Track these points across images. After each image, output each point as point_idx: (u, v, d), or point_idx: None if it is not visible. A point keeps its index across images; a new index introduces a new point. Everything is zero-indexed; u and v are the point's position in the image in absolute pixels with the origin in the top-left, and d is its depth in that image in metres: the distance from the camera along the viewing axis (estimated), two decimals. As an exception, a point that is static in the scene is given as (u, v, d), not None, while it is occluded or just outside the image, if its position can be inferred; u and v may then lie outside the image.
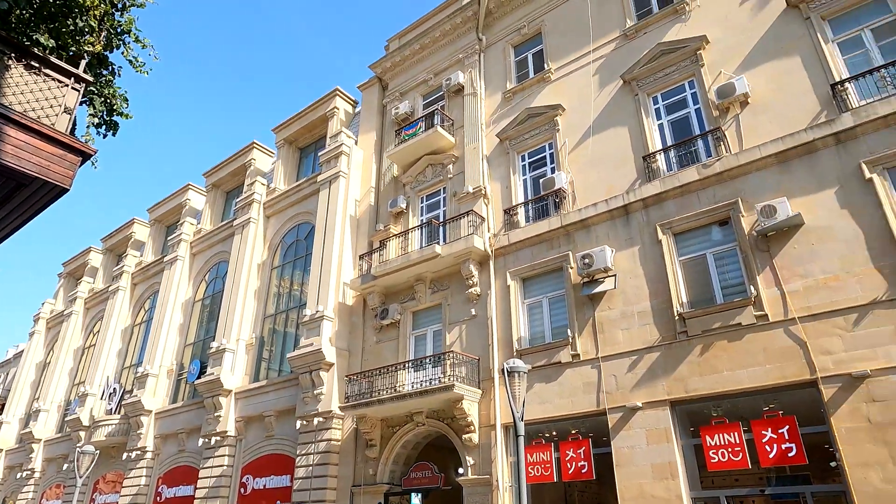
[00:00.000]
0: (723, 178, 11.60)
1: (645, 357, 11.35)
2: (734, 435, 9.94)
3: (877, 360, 9.00)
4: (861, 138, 10.33)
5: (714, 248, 11.53)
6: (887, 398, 8.76)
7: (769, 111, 11.62)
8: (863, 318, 9.35)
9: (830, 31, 11.62)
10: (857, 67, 11.11)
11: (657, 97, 13.69)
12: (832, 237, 10.06)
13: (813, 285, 9.98)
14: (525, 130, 15.68)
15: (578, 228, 13.38)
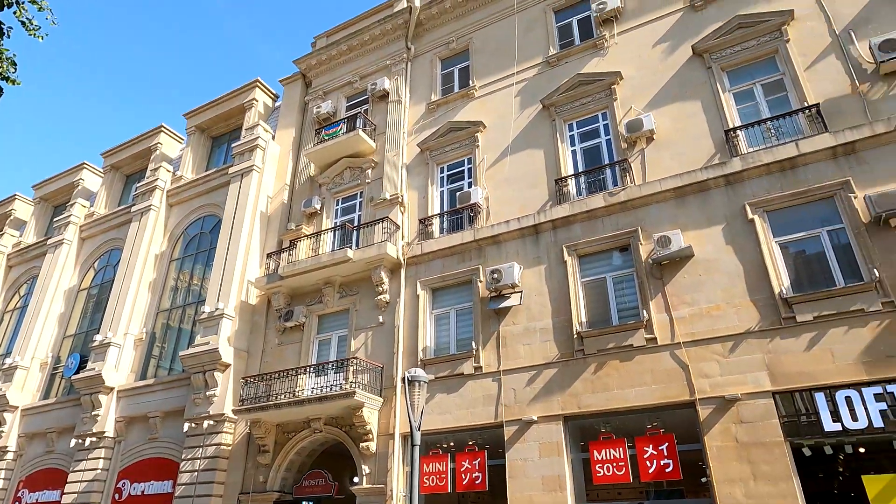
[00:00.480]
0: (626, 206, 12.31)
1: (544, 372, 11.75)
2: (619, 450, 10.49)
3: (746, 385, 9.85)
4: (747, 182, 11.33)
5: (614, 272, 12.19)
6: (753, 420, 9.60)
7: (671, 149, 12.49)
8: (738, 345, 10.21)
9: (728, 82, 12.71)
10: (747, 117, 12.21)
11: (573, 124, 14.34)
12: (717, 270, 10.93)
13: (697, 313, 10.78)
14: (446, 143, 15.88)
15: (490, 244, 13.69)
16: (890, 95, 10.75)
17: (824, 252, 10.39)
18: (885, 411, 8.93)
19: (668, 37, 13.79)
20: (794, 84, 11.85)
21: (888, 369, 9.05)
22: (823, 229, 10.52)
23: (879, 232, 9.87)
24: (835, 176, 10.58)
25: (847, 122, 10.85)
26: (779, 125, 11.66)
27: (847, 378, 9.27)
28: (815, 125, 11.18)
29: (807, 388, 9.50)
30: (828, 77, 11.49)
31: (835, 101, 11.20)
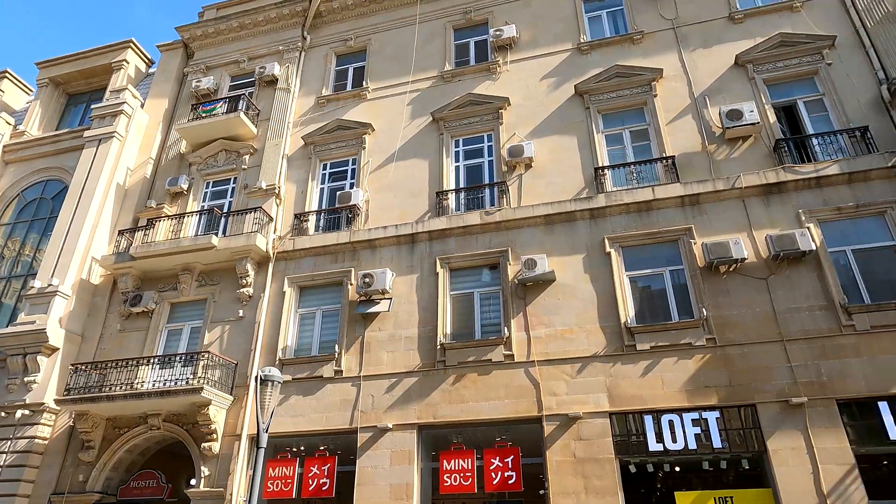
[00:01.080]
0: (500, 227, 12.82)
1: (404, 381, 11.81)
2: (468, 461, 10.80)
3: (588, 405, 10.62)
4: (608, 217, 12.30)
5: (482, 288, 12.60)
6: (590, 437, 10.36)
7: (546, 177, 13.23)
8: (584, 367, 10.98)
9: (602, 124, 13.76)
10: (615, 159, 13.29)
11: (459, 140, 14.70)
12: (574, 296, 11.71)
13: (553, 334, 11.45)
14: (332, 140, 15.55)
15: (365, 247, 13.56)
16: (731, 158, 12.26)
17: (665, 289, 11.54)
18: (699, 435, 10.06)
19: (556, 73, 14.65)
20: (656, 135, 13.10)
21: (705, 398, 10.22)
22: (667, 269, 11.68)
23: (710, 276, 11.17)
24: (681, 222, 11.82)
25: (695, 176, 12.20)
26: (640, 170, 12.82)
27: (672, 404, 10.32)
28: (670, 174, 12.44)
29: (638, 411, 10.44)
30: (684, 133, 12.85)
31: (688, 155, 12.55)
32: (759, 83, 13.00)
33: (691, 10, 14.44)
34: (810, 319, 10.40)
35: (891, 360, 9.76)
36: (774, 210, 11.46)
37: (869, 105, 12.04)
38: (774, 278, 10.86)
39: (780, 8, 13.73)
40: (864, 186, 11.22)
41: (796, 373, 10.04)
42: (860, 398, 9.69)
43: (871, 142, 11.61)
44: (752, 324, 10.61)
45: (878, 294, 10.45)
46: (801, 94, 12.87)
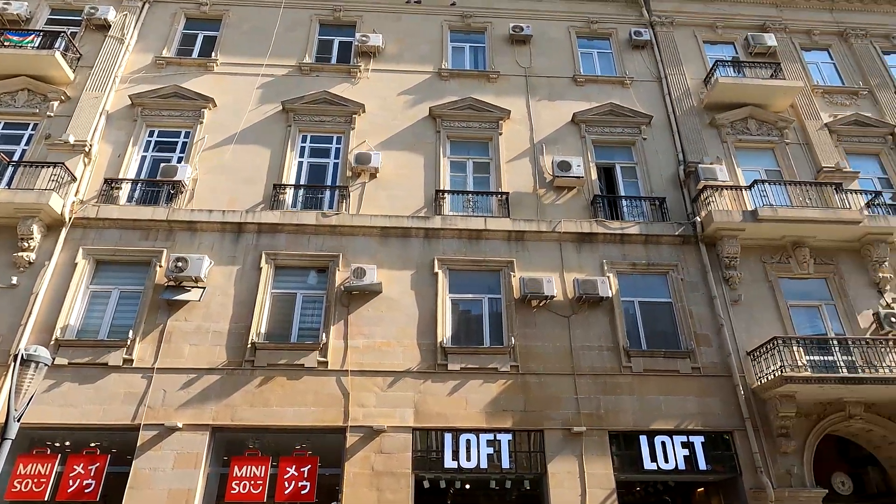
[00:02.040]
0: (335, 231, 12.57)
1: (205, 377, 10.92)
2: (262, 468, 10.25)
3: (394, 419, 10.73)
4: (441, 239, 12.71)
5: (306, 290, 12.20)
6: (391, 451, 10.45)
7: (389, 190, 13.32)
8: (396, 382, 11.10)
9: (449, 150, 14.27)
10: (456, 185, 13.83)
11: (307, 136, 14.24)
12: (398, 310, 11.84)
13: (371, 346, 11.44)
14: (166, 107, 14.12)
15: (184, 228, 12.42)
16: (556, 203, 13.43)
17: (482, 315, 12.19)
18: (491, 455, 10.68)
19: (414, 91, 14.93)
20: (496, 170, 13.92)
21: (502, 421, 10.90)
22: (486, 296, 12.35)
23: (523, 308, 12.03)
24: (505, 255, 12.62)
25: (523, 214, 13.14)
26: (477, 200, 13.49)
27: (472, 424, 10.84)
28: (502, 209, 13.26)
29: (440, 429, 10.79)
30: (520, 174, 13.82)
31: (520, 194, 13.50)
32: (589, 142, 14.50)
33: (543, 63, 15.70)
34: (598, 358, 11.67)
35: (654, 399, 11.30)
36: (584, 257, 12.75)
37: (668, 180, 14.03)
38: (575, 317, 12.04)
39: (614, 81, 15.52)
40: (655, 248, 12.98)
41: (580, 404, 11.16)
42: (627, 431, 11.05)
43: (666, 211, 13.51)
44: (552, 356, 11.60)
45: (652, 342, 12.08)
46: (620, 159, 14.59)
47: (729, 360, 11.72)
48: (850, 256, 13.07)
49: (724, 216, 12.54)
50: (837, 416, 11.28)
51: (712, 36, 16.74)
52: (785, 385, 10.55)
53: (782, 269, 12.91)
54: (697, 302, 12.45)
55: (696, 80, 15.59)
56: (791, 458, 10.87)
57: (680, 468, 10.83)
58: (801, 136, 14.96)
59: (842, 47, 17.00)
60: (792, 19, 17.19)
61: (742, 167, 14.43)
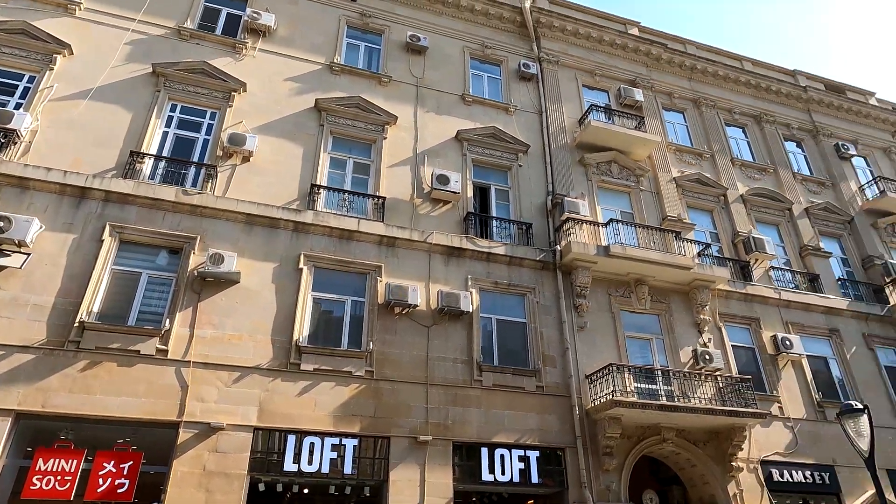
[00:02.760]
0: (196, 211, 11.71)
1: (15, 356, 9.55)
2: (73, 462, 9.16)
3: (235, 417, 10.14)
4: (311, 235, 12.33)
5: (153, 270, 11.20)
6: (227, 451, 9.85)
7: (261, 177, 12.69)
8: (243, 378, 10.52)
9: (331, 145, 13.96)
10: (334, 182, 13.53)
11: (177, 106, 13.17)
12: (254, 303, 11.26)
13: (220, 337, 10.74)
14: (9, 43, 12.33)
15: (14, 184, 10.85)
16: (430, 215, 13.64)
17: (344, 316, 11.98)
18: (334, 460, 10.46)
19: (302, 80, 14.44)
20: (376, 173, 13.85)
21: (350, 425, 10.74)
22: (350, 298, 12.17)
23: (385, 314, 12.02)
24: (374, 259, 12.54)
25: (397, 221, 13.17)
26: (353, 200, 13.30)
27: (318, 426, 10.56)
28: (377, 213, 13.20)
29: (285, 430, 10.38)
30: (399, 181, 13.87)
31: (396, 200, 13.54)
32: (469, 160, 14.94)
33: (435, 77, 15.97)
34: (452, 370, 11.95)
35: (499, 413, 11.80)
36: (451, 270, 13.05)
37: (537, 207, 14.86)
38: (435, 328, 12.25)
39: (499, 106, 16.17)
40: (517, 270, 13.63)
41: (430, 414, 11.33)
42: (470, 442, 11.41)
43: (532, 236, 14.27)
44: (408, 364, 11.69)
45: (504, 358, 12.63)
46: (495, 181, 15.20)
47: (570, 381, 12.57)
48: (680, 298, 14.68)
49: (581, 248, 13.51)
50: (654, 439, 12.53)
51: (591, 81, 18.09)
52: (614, 408, 11.53)
53: (624, 302, 14.16)
54: (549, 325, 13.24)
55: (573, 119, 16.73)
56: (611, 476, 11.87)
57: (515, 481, 11.38)
58: (653, 185, 16.60)
59: (694, 113, 19.19)
60: (658, 80, 19.11)
61: (601, 205, 15.69)
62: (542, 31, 17.88)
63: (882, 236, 18.71)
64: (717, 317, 14.80)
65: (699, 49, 20.59)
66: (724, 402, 12.54)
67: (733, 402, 12.57)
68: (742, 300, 15.38)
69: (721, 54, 20.88)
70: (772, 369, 14.64)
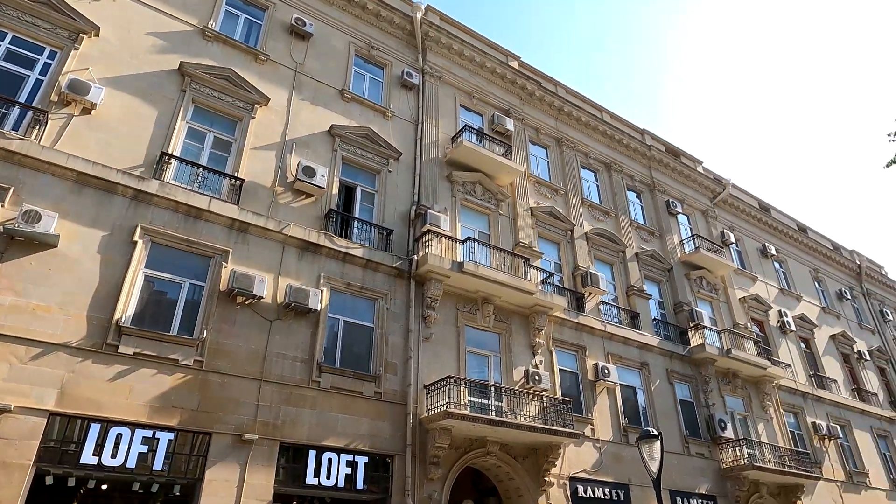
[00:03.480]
0: (13, 158, 10.12)
1: None
2: None
3: (28, 399, 8.85)
4: (153, 207, 11.24)
5: (-55, 219, 9.48)
6: (11, 437, 8.54)
7: (103, 133, 11.35)
8: (45, 355, 9.23)
9: (191, 114, 12.90)
10: (189, 154, 12.49)
11: (7, 35, 11.36)
12: (72, 272, 9.97)
13: (22, 306, 9.35)
14: None
15: None
16: (290, 206, 13.13)
17: (178, 299, 11.04)
18: (144, 454, 9.53)
19: (169, 38, 13.22)
20: (237, 153, 13.04)
21: (168, 418, 9.87)
22: (188, 280, 11.27)
23: (226, 303, 11.29)
24: (222, 243, 11.75)
25: (254, 207, 12.49)
26: (207, 177, 12.38)
27: (130, 416, 9.57)
28: (233, 195, 12.42)
29: (88, 417, 9.26)
30: (262, 165, 13.19)
31: (256, 185, 12.85)
32: (339, 157, 14.65)
33: (316, 67, 15.50)
34: (290, 368, 11.53)
35: (333, 416, 11.59)
36: (304, 265, 12.64)
37: (400, 215, 14.95)
38: (279, 323, 11.75)
39: (377, 109, 16.10)
40: (372, 275, 13.57)
41: (259, 412, 10.81)
42: (298, 444, 11.05)
43: (391, 243, 14.32)
44: (243, 358, 11.06)
45: (346, 361, 12.46)
46: (363, 182, 15.06)
47: (408, 389, 12.73)
48: (520, 320, 15.58)
49: (437, 261, 13.81)
50: (479, 452, 13.08)
51: (468, 103, 18.72)
52: (447, 419, 11.86)
53: (470, 318, 14.71)
54: (396, 332, 13.32)
55: (446, 135, 17.16)
56: (435, 485, 12.17)
57: (340, 486, 11.21)
58: (511, 211, 17.53)
59: (556, 151, 20.65)
60: (529, 114, 20.30)
61: (462, 222, 16.22)
62: (430, 44, 18.18)
63: (692, 286, 21.46)
64: (550, 341, 15.92)
65: (568, 93, 22.24)
66: (546, 421, 13.47)
67: (554, 421, 13.54)
68: (573, 328, 16.71)
69: (586, 102, 22.74)
70: (590, 394, 16.04)
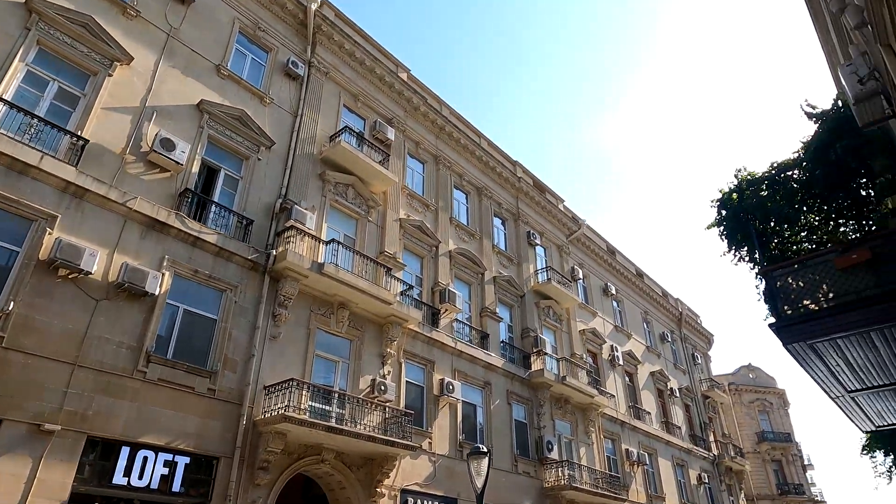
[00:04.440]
0: None
1: None
2: None
3: None
4: (-34, 153, 9.69)
5: None
6: None
7: (-88, 58, 9.61)
8: None
9: (34, 57, 11.37)
10: (24, 101, 10.95)
11: None
12: None
13: None
14: None
15: None
16: (140, 177, 11.98)
17: (-17, 263, 9.57)
18: None
19: (17, -34, 11.59)
20: (85, 110, 11.69)
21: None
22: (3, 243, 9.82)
23: (45, 273, 10.00)
24: (52, 206, 10.42)
25: (96, 172, 11.22)
26: (43, 129, 10.95)
27: None
28: (73, 156, 11.09)
29: None
30: (113, 127, 11.94)
31: (103, 149, 11.59)
32: (205, 135, 13.70)
33: (194, 35, 14.42)
34: (113, 354, 10.45)
35: (157, 411, 10.65)
36: (146, 244, 11.58)
37: (264, 207, 14.28)
38: (106, 304, 10.63)
39: (255, 93, 15.30)
40: (224, 264, 12.79)
41: (68, 399, 9.65)
42: (110, 439, 10.01)
43: (250, 234, 13.61)
44: (57, 337, 9.84)
45: (181, 353, 11.54)
46: (228, 166, 14.20)
47: (246, 389, 12.09)
48: (374, 328, 15.53)
49: (297, 259, 13.36)
50: (314, 459, 12.74)
51: (352, 105, 18.49)
52: (283, 423, 11.42)
53: (324, 321, 14.37)
54: (241, 327, 12.64)
55: (325, 133, 16.77)
56: (261, 491, 11.62)
57: (153, 487, 10.30)
58: (381, 219, 17.51)
59: (433, 167, 21.04)
60: (411, 127, 20.52)
61: (329, 223, 15.88)
62: (321, 38, 17.74)
63: (540, 315, 22.84)
64: (401, 353, 16.03)
65: (451, 114, 22.84)
66: (387, 432, 13.47)
67: (394, 432, 13.59)
68: (426, 342, 16.98)
69: (467, 126, 23.50)
70: (433, 408, 16.35)
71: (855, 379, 8.99)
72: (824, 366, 8.52)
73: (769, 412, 49.50)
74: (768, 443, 46.94)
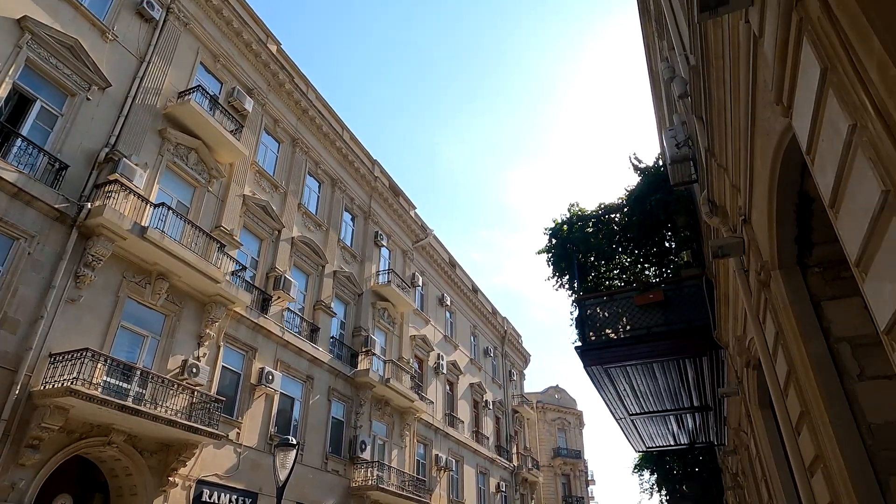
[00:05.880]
0: None
1: None
2: None
3: None
4: None
5: None
6: None
7: None
8: None
9: None
10: None
11: None
12: None
13: None
14: None
15: None
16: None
17: None
18: None
19: None
20: None
21: None
22: None
23: None
24: None
25: None
26: None
27: None
28: None
29: None
30: None
31: None
32: (23, 57, 11.80)
33: (28, -60, 12.37)
34: None
35: None
36: (-81, 168, 9.62)
37: (85, 154, 12.62)
38: None
39: (97, 24, 13.45)
40: (22, 208, 11.06)
41: None
42: None
43: (61, 180, 11.94)
44: None
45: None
46: (48, 99, 12.35)
47: (26, 354, 10.52)
48: (195, 306, 14.40)
49: (116, 217, 11.98)
50: (98, 440, 11.43)
51: (211, 64, 17.13)
52: (67, 397, 10.09)
53: (136, 291, 13.01)
54: (32, 283, 10.99)
55: (174, 87, 15.31)
56: (26, 472, 10.14)
57: None
58: (223, 192, 16.37)
59: (289, 149, 20.20)
60: (272, 103, 19.53)
61: (161, 186, 14.48)
62: (187, -14, 16.25)
63: (375, 315, 22.90)
64: (221, 336, 15.05)
65: (317, 99, 22.18)
66: (190, 417, 12.51)
67: (199, 419, 12.66)
68: (251, 328, 16.14)
69: (331, 114, 22.97)
70: (247, 397, 15.55)
71: (636, 403, 10.24)
72: (614, 389, 9.59)
73: (566, 430, 54.56)
74: (562, 458, 51.65)
